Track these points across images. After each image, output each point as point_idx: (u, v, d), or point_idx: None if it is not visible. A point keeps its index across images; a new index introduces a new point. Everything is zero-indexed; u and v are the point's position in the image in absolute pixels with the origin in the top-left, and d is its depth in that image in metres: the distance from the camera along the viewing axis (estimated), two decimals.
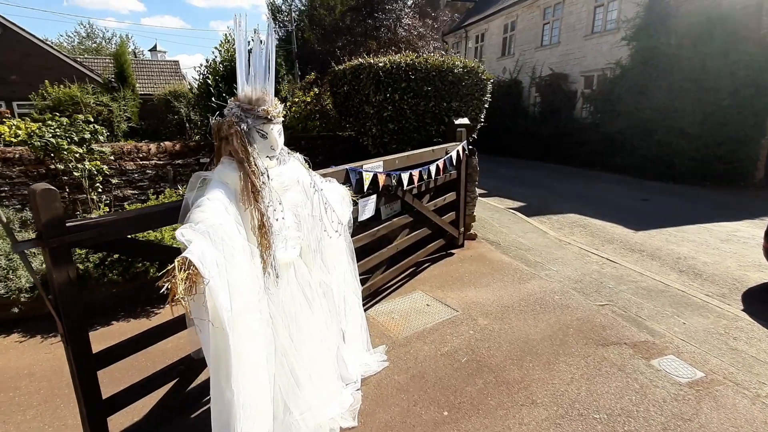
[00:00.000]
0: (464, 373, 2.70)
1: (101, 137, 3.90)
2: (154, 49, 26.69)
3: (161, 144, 4.65)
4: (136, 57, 27.68)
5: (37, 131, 3.44)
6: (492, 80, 5.09)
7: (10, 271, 2.96)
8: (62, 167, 3.43)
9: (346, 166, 2.76)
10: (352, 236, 2.95)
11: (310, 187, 2.11)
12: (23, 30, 14.91)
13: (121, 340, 1.71)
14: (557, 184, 9.29)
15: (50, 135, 3.47)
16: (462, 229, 4.87)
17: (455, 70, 4.56)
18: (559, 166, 11.70)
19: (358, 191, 2.93)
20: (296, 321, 2.03)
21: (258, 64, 1.72)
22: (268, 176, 1.77)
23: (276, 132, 1.81)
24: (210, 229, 1.52)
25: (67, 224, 1.43)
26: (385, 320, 3.38)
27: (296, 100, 8.77)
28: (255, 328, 1.71)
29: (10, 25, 14.48)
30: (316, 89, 7.27)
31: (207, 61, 5.45)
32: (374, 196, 3.17)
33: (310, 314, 2.09)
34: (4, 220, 1.34)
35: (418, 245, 4.17)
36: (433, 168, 3.83)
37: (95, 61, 19.96)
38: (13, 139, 3.91)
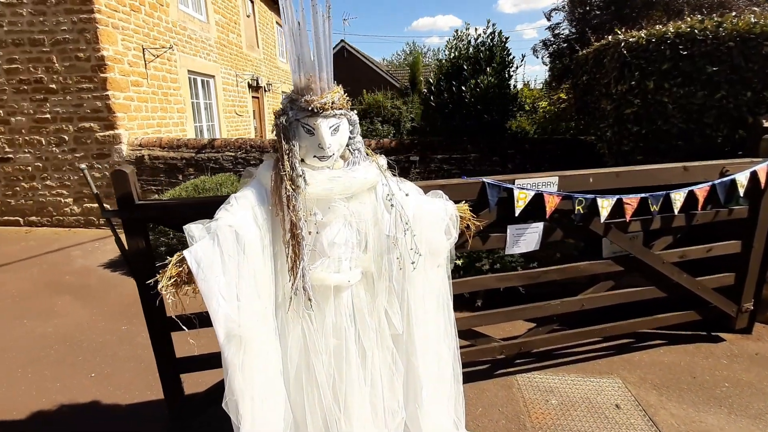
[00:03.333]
0: None
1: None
2: None
3: (380, 140, 5.03)
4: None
5: None
6: None
7: None
8: None
9: (484, 179, 2.02)
10: (485, 272, 2.20)
11: (386, 200, 1.62)
12: (359, 53, 19.95)
13: (193, 312, 1.83)
14: None
15: None
16: (749, 305, 2.89)
17: None
18: None
19: (505, 215, 2.13)
20: (340, 358, 1.64)
21: (299, 45, 1.39)
22: (304, 180, 1.44)
23: (325, 127, 1.44)
24: (219, 231, 1.36)
25: (137, 202, 1.61)
26: (532, 398, 2.41)
27: (554, 97, 7.73)
28: (259, 351, 1.47)
29: (351, 50, 19.70)
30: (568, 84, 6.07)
31: (438, 60, 5.45)
32: (539, 225, 2.24)
33: (356, 353, 1.64)
34: (95, 190, 1.64)
35: (638, 309, 2.75)
36: (678, 196, 2.38)
37: (402, 71, 24.37)
38: None
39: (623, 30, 3.25)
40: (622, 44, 3.11)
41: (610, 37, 3.45)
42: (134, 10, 5.71)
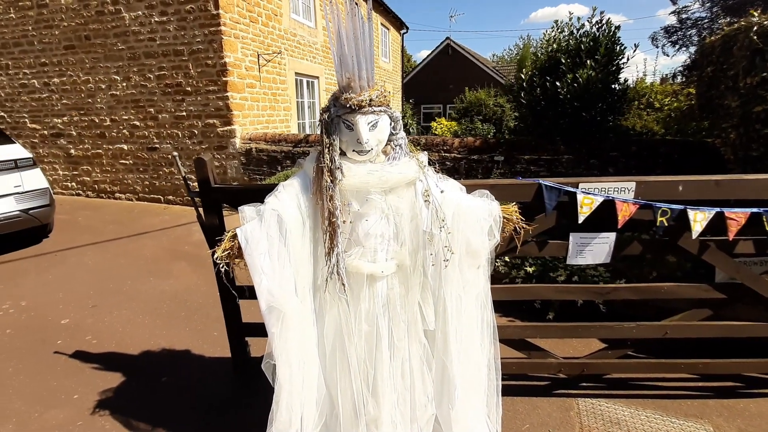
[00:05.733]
0: None
1: (412, 130, 4.62)
2: None
3: (464, 139, 4.90)
4: None
5: None
6: None
7: None
8: None
9: (541, 180, 1.88)
10: (548, 282, 1.98)
11: (422, 196, 1.64)
12: (464, 50, 19.56)
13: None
14: None
15: None
16: None
17: None
18: None
19: (568, 221, 1.95)
20: (371, 344, 1.72)
21: (340, 46, 1.47)
22: (341, 172, 1.54)
23: (363, 123, 1.51)
24: (264, 213, 1.55)
25: (213, 186, 1.89)
26: (591, 425, 2.18)
27: (683, 93, 6.71)
28: (296, 324, 1.62)
29: (457, 47, 19.42)
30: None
31: (534, 54, 5.09)
32: (610, 236, 2.00)
33: (387, 342, 1.69)
34: (183, 173, 1.95)
35: (749, 348, 2.29)
36: None
37: (510, 68, 23.17)
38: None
39: (759, 12, 2.66)
40: (755, 28, 2.56)
41: (743, 20, 2.86)
42: (253, 21, 6.54)
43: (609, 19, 4.45)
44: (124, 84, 6.70)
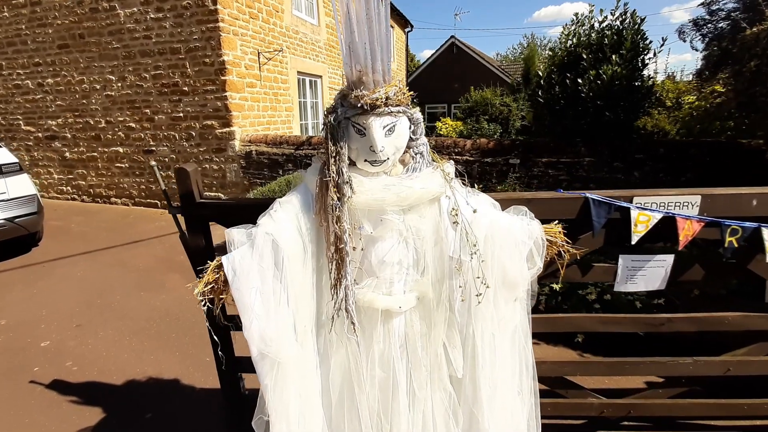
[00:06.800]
0: None
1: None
2: None
3: (477, 141, 4.60)
4: None
5: None
6: None
7: None
8: None
9: (588, 194, 1.57)
10: (591, 303, 1.68)
11: (448, 215, 1.34)
12: (469, 48, 19.22)
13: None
14: None
15: None
16: None
17: None
18: None
19: (615, 240, 1.64)
20: (386, 394, 1.42)
21: (350, 32, 1.17)
22: (350, 187, 1.24)
23: (378, 127, 1.22)
24: (257, 238, 1.26)
25: (197, 201, 1.60)
26: None
27: (707, 90, 6.36)
28: (295, 373, 1.33)
29: (461, 45, 19.07)
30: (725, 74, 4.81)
31: (551, 50, 4.77)
32: (667, 258, 1.69)
33: (406, 390, 1.39)
34: (164, 186, 1.67)
35: None
36: None
37: (516, 66, 22.78)
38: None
39: None
40: None
41: None
42: (252, 17, 6.25)
43: (635, 11, 4.13)
44: (119, 84, 6.43)
